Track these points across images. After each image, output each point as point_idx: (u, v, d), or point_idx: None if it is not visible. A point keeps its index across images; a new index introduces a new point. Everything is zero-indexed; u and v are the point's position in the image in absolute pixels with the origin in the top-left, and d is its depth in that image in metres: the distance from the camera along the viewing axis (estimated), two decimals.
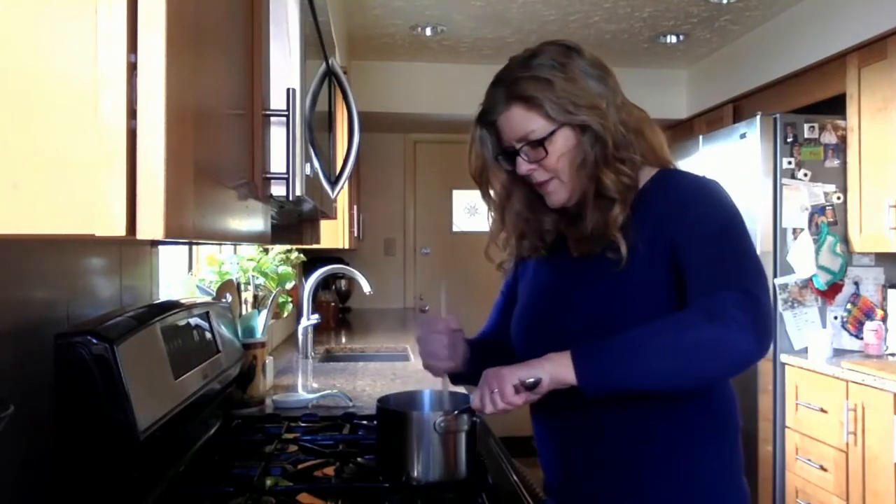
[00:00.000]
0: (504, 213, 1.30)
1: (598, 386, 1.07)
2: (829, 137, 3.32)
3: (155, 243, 1.66)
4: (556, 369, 1.07)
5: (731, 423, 1.24)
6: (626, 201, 1.17)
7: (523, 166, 1.21)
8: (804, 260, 3.25)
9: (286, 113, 0.86)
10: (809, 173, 3.31)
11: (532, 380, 1.07)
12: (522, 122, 1.19)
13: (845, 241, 3.27)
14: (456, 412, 1.29)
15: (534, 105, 1.17)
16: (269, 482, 1.38)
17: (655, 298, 1.14)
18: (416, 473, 1.28)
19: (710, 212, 1.15)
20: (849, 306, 3.28)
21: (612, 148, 1.17)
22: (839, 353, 3.17)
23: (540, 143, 1.18)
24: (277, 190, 0.89)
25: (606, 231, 1.16)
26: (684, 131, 4.66)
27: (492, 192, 1.30)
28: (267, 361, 2.25)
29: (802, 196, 3.30)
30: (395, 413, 1.35)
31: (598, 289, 1.20)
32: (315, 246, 2.18)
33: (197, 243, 1.90)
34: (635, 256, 1.15)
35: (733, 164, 3.50)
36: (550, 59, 1.18)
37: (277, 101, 0.88)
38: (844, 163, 3.29)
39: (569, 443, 1.25)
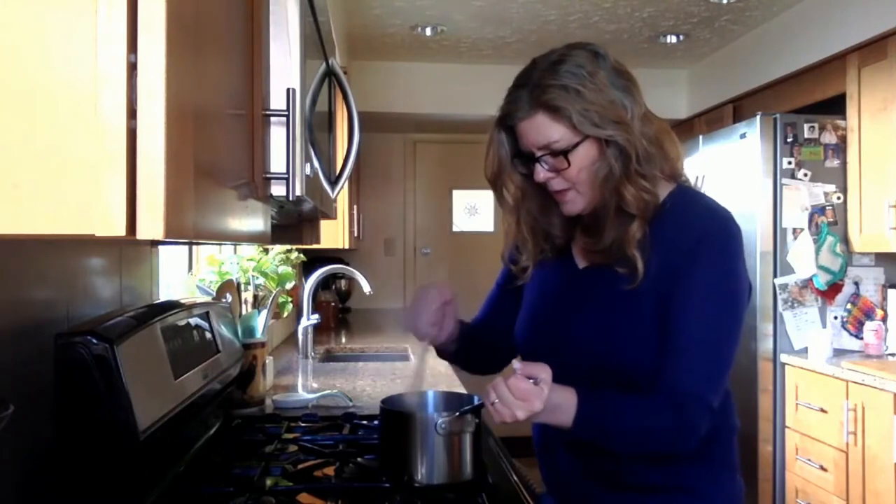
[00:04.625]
0: (519, 216, 1.28)
1: (580, 435, 1.16)
2: (829, 137, 3.32)
3: (155, 243, 1.66)
4: (558, 420, 1.12)
5: (726, 431, 1.26)
6: (645, 217, 1.16)
7: (541, 174, 1.19)
8: (804, 260, 3.25)
9: (286, 113, 0.86)
10: (809, 173, 3.31)
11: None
12: (546, 130, 1.16)
13: (845, 241, 3.27)
14: (458, 413, 1.29)
15: (560, 115, 1.14)
16: (269, 482, 1.38)
17: (649, 322, 1.16)
18: (419, 476, 1.28)
19: (711, 275, 1.15)
20: (849, 306, 3.28)
21: (635, 163, 1.15)
22: (839, 353, 3.17)
23: (562, 154, 1.16)
24: (277, 190, 0.89)
25: (623, 247, 1.16)
26: (684, 131, 4.66)
27: (506, 194, 1.27)
28: (267, 361, 2.25)
29: (802, 196, 3.30)
30: (399, 414, 1.35)
31: (601, 302, 1.21)
32: (315, 246, 2.18)
33: (197, 243, 1.90)
34: (643, 278, 1.15)
35: (733, 164, 3.50)
36: (578, 66, 1.15)
37: (277, 101, 0.88)
38: (844, 163, 3.29)
39: (557, 451, 1.28)
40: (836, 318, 3.30)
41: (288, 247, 2.57)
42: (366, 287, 3.19)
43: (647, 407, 1.14)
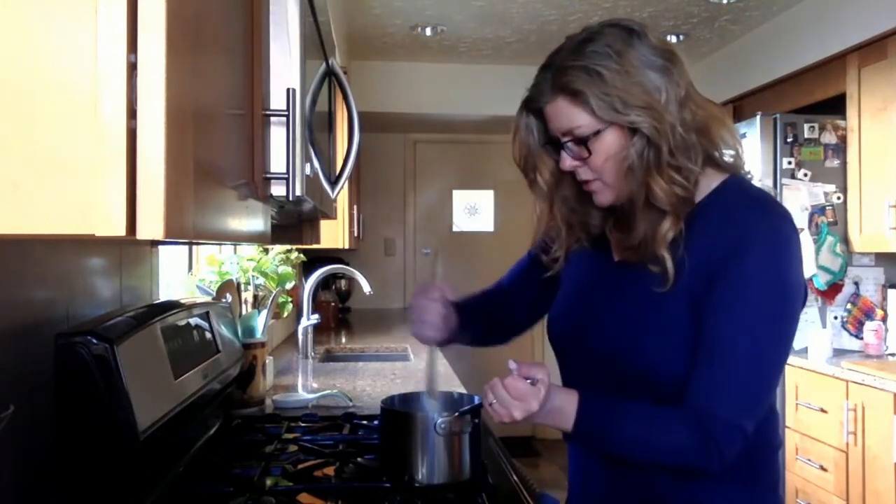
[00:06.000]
0: (552, 203, 1.21)
1: (583, 441, 1.15)
2: (829, 137, 3.32)
3: (155, 243, 1.66)
4: (558, 422, 1.09)
5: (766, 449, 1.17)
6: (678, 214, 1.06)
7: (567, 162, 1.11)
8: (804, 260, 3.25)
9: (286, 113, 0.86)
10: (809, 173, 3.31)
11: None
12: (567, 116, 1.08)
13: (845, 241, 3.27)
14: (458, 413, 1.29)
15: (579, 100, 1.06)
16: (269, 482, 1.38)
17: (681, 326, 1.08)
18: (419, 476, 1.28)
19: (754, 278, 1.05)
20: (849, 306, 3.28)
21: (666, 154, 1.05)
22: (839, 353, 3.17)
23: (583, 142, 1.08)
24: (277, 190, 0.89)
25: (654, 246, 1.07)
26: None
27: (539, 180, 1.19)
28: (267, 361, 2.25)
29: (802, 196, 3.30)
30: (399, 414, 1.35)
31: (631, 299, 1.14)
32: (315, 246, 2.18)
33: (197, 243, 1.90)
34: (676, 279, 1.07)
35: None
36: (606, 45, 1.05)
37: (277, 101, 0.88)
38: (844, 163, 3.29)
39: (591, 455, 1.23)
40: (836, 318, 3.30)
41: (288, 247, 2.57)
42: (366, 287, 3.19)
43: (662, 419, 1.07)
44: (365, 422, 1.80)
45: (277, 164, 0.88)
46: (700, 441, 1.04)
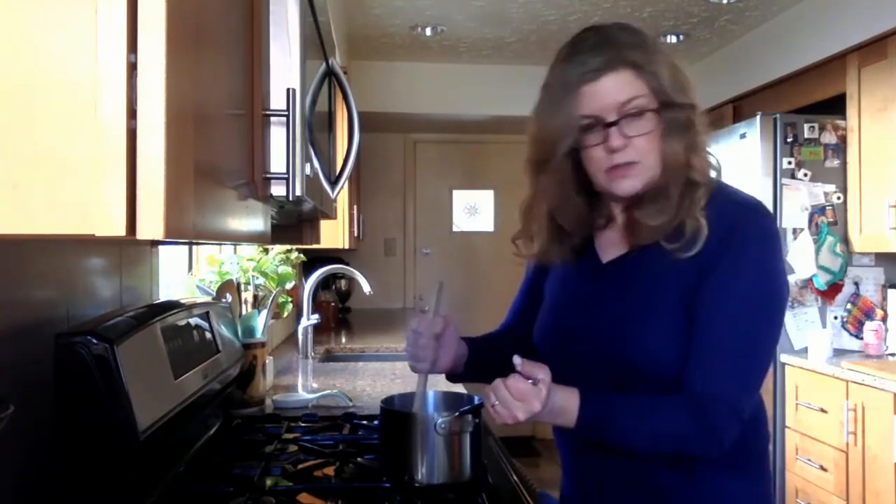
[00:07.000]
0: (564, 183, 1.20)
1: (586, 436, 1.14)
2: (829, 137, 3.32)
3: (155, 243, 1.66)
4: (561, 421, 1.11)
5: (760, 442, 1.21)
6: (709, 186, 1.16)
7: (616, 140, 1.11)
8: (804, 260, 3.25)
9: (286, 113, 0.86)
10: (809, 173, 3.31)
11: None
12: (630, 86, 1.11)
13: (845, 241, 3.27)
14: (458, 413, 1.29)
15: (645, 73, 1.12)
16: (269, 482, 1.38)
17: (677, 319, 1.11)
18: (419, 476, 1.28)
19: (744, 269, 1.10)
20: (849, 306, 3.28)
21: (701, 133, 1.17)
22: (839, 353, 3.17)
23: (640, 115, 1.11)
24: (277, 190, 0.89)
25: (691, 210, 1.12)
26: None
27: (561, 158, 1.18)
28: (267, 361, 2.25)
29: (802, 196, 3.30)
30: (399, 414, 1.35)
31: (625, 296, 1.17)
32: (315, 246, 2.17)
33: (197, 243, 1.90)
34: (669, 273, 1.13)
35: (733, 164, 3.49)
36: (654, 42, 1.18)
37: (277, 101, 0.88)
38: (844, 163, 3.29)
39: (582, 452, 1.24)
40: (836, 318, 3.30)
41: (288, 247, 2.57)
42: (366, 287, 3.19)
43: (662, 408, 1.10)
44: (365, 422, 1.80)
45: (277, 164, 0.88)
46: (698, 427, 1.08)
